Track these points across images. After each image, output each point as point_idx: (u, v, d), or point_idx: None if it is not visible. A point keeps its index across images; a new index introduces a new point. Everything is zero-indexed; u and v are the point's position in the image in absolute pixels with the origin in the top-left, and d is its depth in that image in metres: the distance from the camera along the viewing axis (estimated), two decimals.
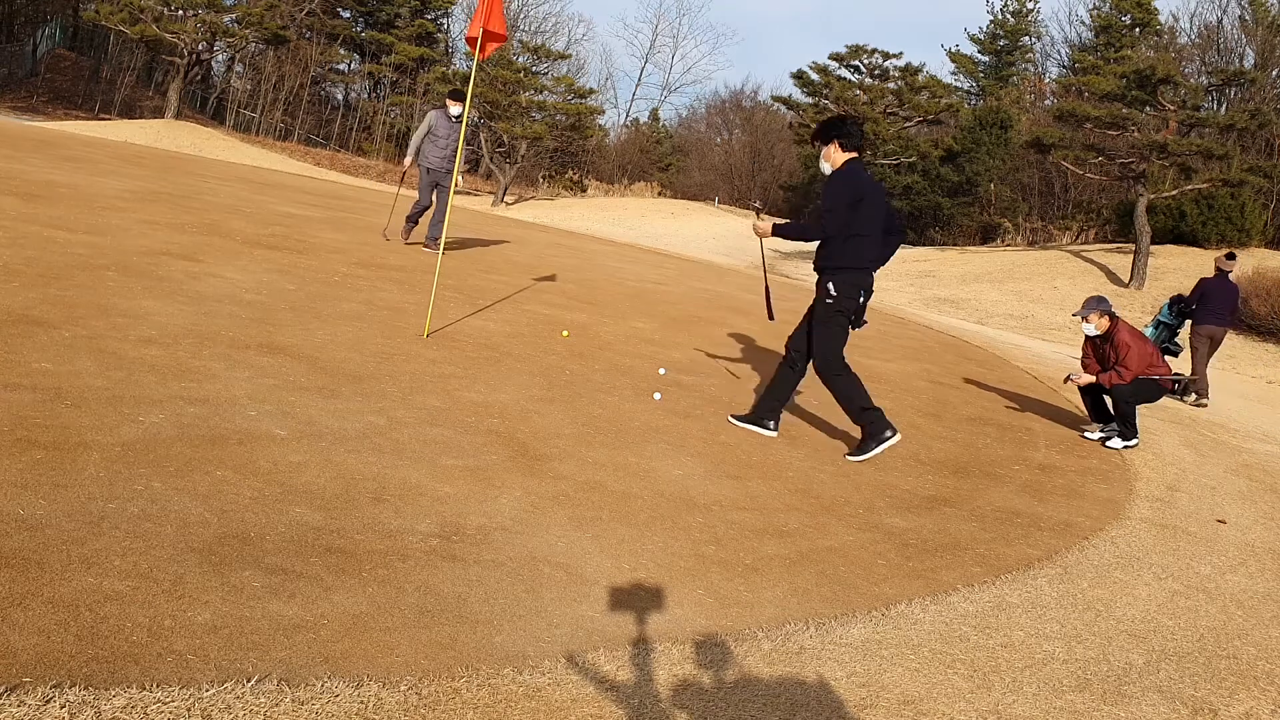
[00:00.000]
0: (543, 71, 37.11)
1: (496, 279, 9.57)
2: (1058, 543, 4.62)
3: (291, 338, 5.51)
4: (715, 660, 2.86)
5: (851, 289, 5.28)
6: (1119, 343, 6.94)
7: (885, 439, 5.36)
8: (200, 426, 3.84)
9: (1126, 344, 6.91)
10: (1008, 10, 46.60)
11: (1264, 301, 16.66)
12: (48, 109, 35.40)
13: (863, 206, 5.20)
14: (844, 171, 5.28)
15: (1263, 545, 5.23)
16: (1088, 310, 7.02)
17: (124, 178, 12.20)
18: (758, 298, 12.78)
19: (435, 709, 2.34)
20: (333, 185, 21.87)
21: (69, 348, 4.47)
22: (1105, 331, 7.00)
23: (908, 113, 34.63)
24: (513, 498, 3.81)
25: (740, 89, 71.30)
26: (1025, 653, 3.32)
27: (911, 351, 10.26)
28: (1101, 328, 7.00)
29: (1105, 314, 7.01)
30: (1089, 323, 7.01)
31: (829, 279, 5.31)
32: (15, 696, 2.06)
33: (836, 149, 5.33)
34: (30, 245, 6.52)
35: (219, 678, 2.27)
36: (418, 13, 46.35)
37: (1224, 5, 37.30)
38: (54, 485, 3.06)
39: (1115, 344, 6.95)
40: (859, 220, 5.20)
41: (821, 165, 5.45)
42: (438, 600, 2.87)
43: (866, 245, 5.27)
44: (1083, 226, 29.62)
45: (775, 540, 3.93)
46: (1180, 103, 22.54)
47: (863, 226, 5.22)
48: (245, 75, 45.15)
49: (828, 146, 5.35)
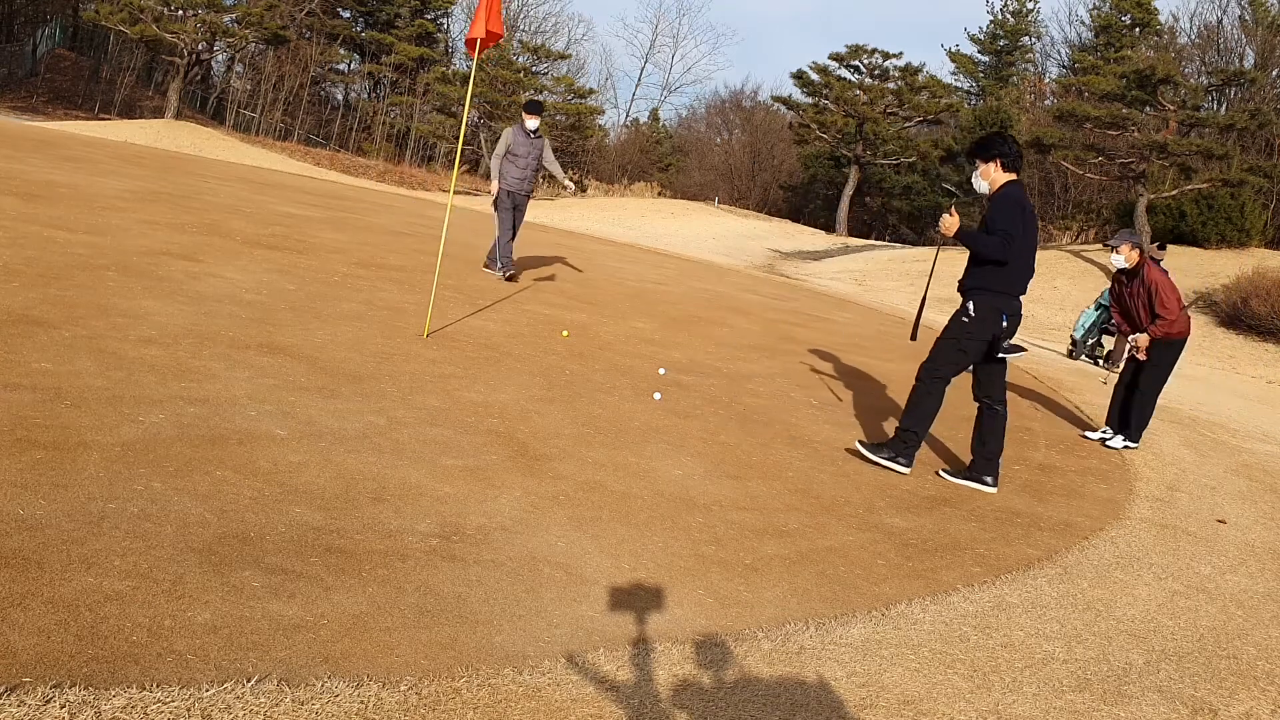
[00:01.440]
0: (543, 71, 37.14)
1: (496, 279, 9.57)
2: (1058, 543, 4.62)
3: (291, 338, 5.51)
4: (715, 660, 2.86)
5: (992, 311, 5.06)
6: (1150, 279, 6.84)
7: (897, 462, 5.22)
8: (200, 426, 3.84)
9: (1157, 280, 6.82)
10: (1008, 10, 46.62)
11: (1264, 301, 16.65)
12: (48, 109, 35.40)
13: (1023, 236, 5.00)
14: (1013, 194, 5.04)
15: (1263, 545, 5.23)
16: (1120, 241, 6.94)
17: (124, 178, 12.20)
18: (758, 297, 12.78)
19: (435, 709, 2.34)
20: (333, 185, 21.87)
21: (69, 348, 4.47)
22: (1134, 266, 6.91)
23: (908, 113, 34.64)
24: (513, 498, 3.81)
25: (740, 89, 71.38)
26: (1025, 653, 3.32)
27: (912, 351, 10.26)
28: (1131, 260, 6.91)
29: (1136, 247, 6.92)
30: (1119, 254, 6.93)
31: (970, 299, 5.12)
32: (15, 696, 2.06)
33: (998, 168, 5.08)
34: (30, 245, 6.51)
35: (219, 678, 2.27)
36: (418, 13, 46.35)
37: (1224, 5, 37.32)
38: (54, 485, 3.06)
39: (1146, 281, 6.85)
40: (1015, 248, 4.98)
41: (977, 183, 5.19)
42: (438, 600, 2.87)
43: (1017, 272, 5.07)
44: (1083, 226, 29.63)
45: (775, 540, 3.93)
46: (1180, 103, 22.54)
47: (1017, 255, 5.00)
48: (245, 75, 45.16)
49: (987, 165, 5.10)
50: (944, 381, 5.20)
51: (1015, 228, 4.93)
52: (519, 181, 9.46)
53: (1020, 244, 4.98)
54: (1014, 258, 4.99)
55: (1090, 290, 20.34)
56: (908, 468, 5.23)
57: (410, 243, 11.23)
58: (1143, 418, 6.99)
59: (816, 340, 9.71)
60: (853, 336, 10.69)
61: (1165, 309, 6.79)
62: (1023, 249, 5.02)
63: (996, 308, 5.06)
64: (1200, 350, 16.28)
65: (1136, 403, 7.01)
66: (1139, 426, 7.00)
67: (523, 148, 9.38)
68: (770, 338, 9.30)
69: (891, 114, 35.35)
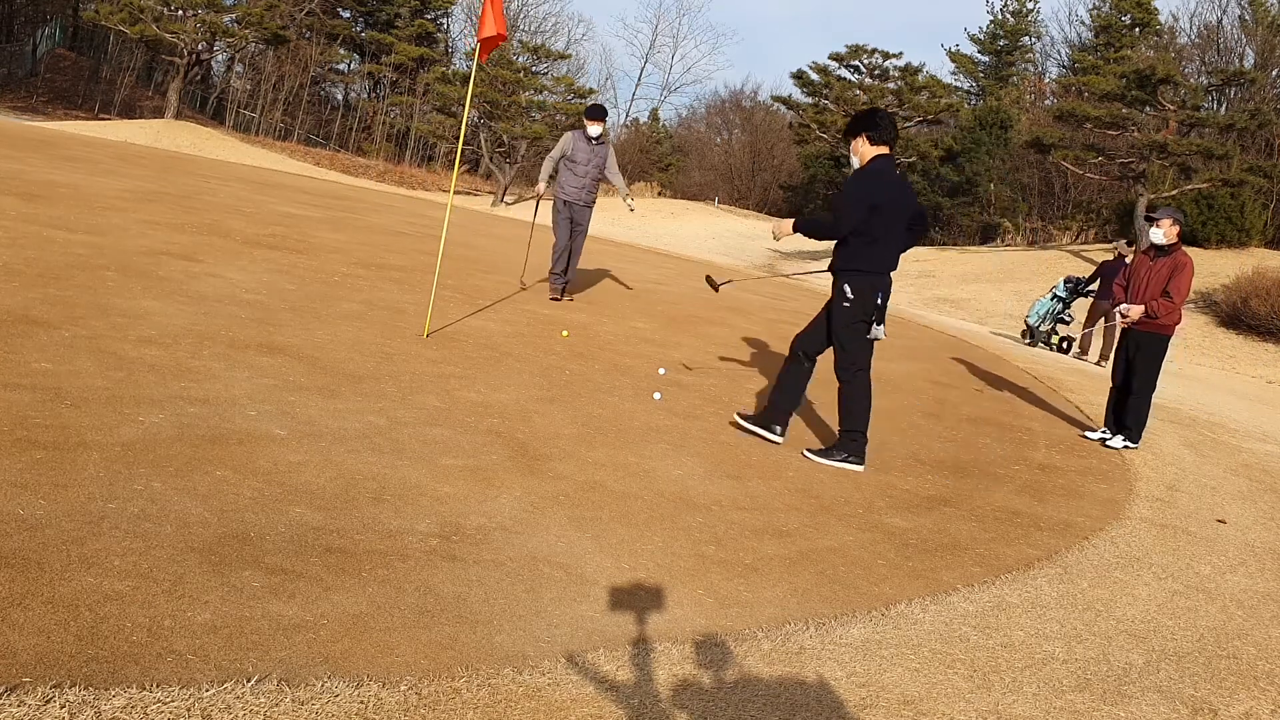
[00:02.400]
0: (543, 71, 37.12)
1: (496, 279, 9.57)
2: (1058, 543, 4.62)
3: (291, 338, 5.51)
4: (715, 660, 2.86)
5: (869, 290, 5.07)
6: (1180, 262, 6.71)
7: (849, 461, 5.18)
8: (200, 426, 3.84)
9: (1185, 265, 6.69)
10: (1008, 10, 46.61)
11: (1264, 301, 16.65)
12: (48, 109, 35.41)
13: (884, 210, 4.97)
14: (868, 170, 5.04)
15: (1263, 545, 5.23)
16: (1163, 214, 6.81)
17: (124, 178, 12.20)
18: (758, 298, 12.78)
19: (435, 709, 2.34)
20: (332, 185, 21.87)
21: (69, 348, 4.47)
22: (1170, 244, 6.80)
23: (908, 113, 34.62)
24: (513, 498, 3.81)
25: (740, 89, 71.39)
26: (1025, 653, 3.32)
27: (911, 351, 10.26)
28: (1170, 237, 6.80)
29: (1178, 223, 6.80)
30: (1159, 227, 6.81)
31: (844, 281, 5.13)
32: (15, 696, 2.05)
33: (864, 143, 5.06)
34: (30, 245, 6.51)
35: (219, 678, 2.27)
36: (418, 13, 46.36)
37: (1224, 5, 37.31)
38: (54, 485, 3.06)
39: (1177, 262, 6.72)
40: (878, 223, 4.97)
41: (852, 159, 5.17)
42: (438, 600, 2.87)
43: (882, 249, 5.04)
44: (1083, 226, 29.61)
45: (775, 540, 3.93)
46: (1180, 103, 22.54)
47: (881, 231, 4.99)
48: (245, 75, 45.17)
49: (855, 140, 5.08)
50: (865, 371, 5.21)
51: (857, 202, 4.93)
52: (577, 191, 8.74)
53: (877, 219, 4.97)
54: (853, 228, 4.99)
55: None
56: (861, 466, 5.20)
57: (410, 243, 11.23)
58: (1139, 418, 6.98)
59: None
60: None
61: (1178, 292, 6.68)
62: (888, 224, 5.01)
63: (872, 285, 5.08)
64: (1200, 350, 16.29)
65: (1131, 405, 6.99)
66: (1137, 426, 6.99)
67: (583, 154, 8.68)
68: (771, 338, 9.30)
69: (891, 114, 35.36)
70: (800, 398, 5.49)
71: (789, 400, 5.40)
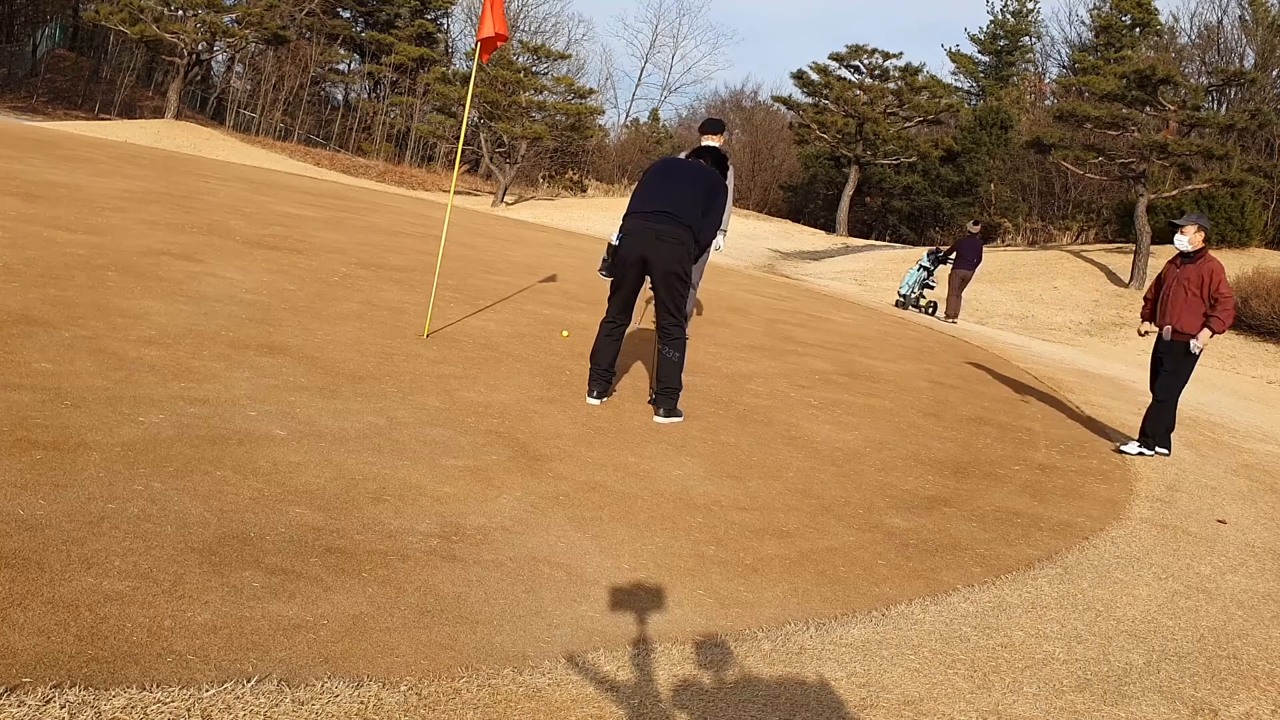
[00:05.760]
0: (543, 71, 37.11)
1: (496, 279, 9.57)
2: (1058, 543, 4.62)
3: (291, 338, 5.51)
4: (715, 660, 2.86)
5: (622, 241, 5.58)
6: (1210, 269, 6.61)
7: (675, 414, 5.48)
8: (200, 426, 3.84)
9: (1215, 270, 6.60)
10: (1008, 10, 46.64)
11: (1264, 301, 16.65)
12: (48, 109, 35.41)
13: (657, 175, 5.62)
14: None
15: (1263, 545, 5.23)
16: (1187, 221, 6.75)
17: (124, 178, 12.20)
18: (758, 298, 12.78)
19: (435, 709, 2.34)
20: (332, 185, 21.87)
21: (69, 348, 4.47)
22: (1196, 250, 6.72)
23: (908, 113, 34.64)
24: (513, 498, 3.81)
25: (740, 89, 71.41)
26: (1025, 653, 3.32)
27: (911, 351, 10.26)
28: (1195, 243, 6.71)
29: (1202, 229, 6.74)
30: (1183, 235, 6.74)
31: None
32: (15, 696, 2.05)
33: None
34: (30, 245, 6.51)
35: (219, 678, 2.27)
36: (418, 13, 46.35)
37: (1224, 5, 37.36)
38: (54, 485, 3.06)
39: (1207, 270, 6.61)
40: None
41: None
42: (438, 600, 2.87)
43: (636, 200, 5.55)
44: (1083, 227, 29.63)
45: (775, 540, 3.93)
46: (1180, 103, 22.54)
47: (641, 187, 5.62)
48: (245, 75, 45.17)
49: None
50: (687, 318, 5.77)
51: (646, 176, 5.67)
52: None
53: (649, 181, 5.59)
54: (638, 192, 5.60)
55: (1090, 289, 20.36)
56: (680, 416, 5.50)
57: (410, 243, 11.23)
58: (1159, 424, 6.86)
59: (816, 340, 9.71)
60: (852, 337, 10.68)
61: (1223, 296, 6.54)
62: (648, 184, 5.58)
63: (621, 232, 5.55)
64: None
65: (1154, 411, 6.90)
66: (1166, 431, 6.90)
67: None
68: (770, 338, 9.30)
69: (891, 114, 35.34)
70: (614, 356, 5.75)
71: (607, 359, 5.74)
